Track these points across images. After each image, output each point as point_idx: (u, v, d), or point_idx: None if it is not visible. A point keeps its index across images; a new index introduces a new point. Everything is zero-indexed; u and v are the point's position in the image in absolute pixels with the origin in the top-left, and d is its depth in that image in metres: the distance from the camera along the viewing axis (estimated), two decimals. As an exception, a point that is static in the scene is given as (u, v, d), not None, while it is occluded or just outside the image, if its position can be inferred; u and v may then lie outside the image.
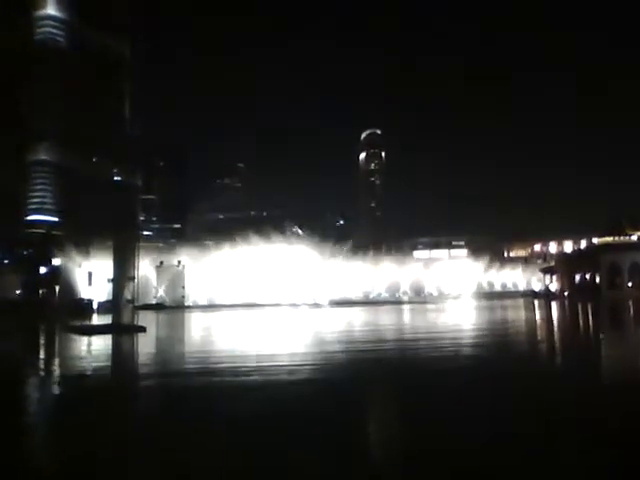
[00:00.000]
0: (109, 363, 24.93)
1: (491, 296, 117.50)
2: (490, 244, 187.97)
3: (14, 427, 12.29)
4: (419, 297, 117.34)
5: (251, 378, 18.01)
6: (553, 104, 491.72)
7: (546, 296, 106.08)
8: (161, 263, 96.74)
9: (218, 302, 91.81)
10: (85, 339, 33.52)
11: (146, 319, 44.58)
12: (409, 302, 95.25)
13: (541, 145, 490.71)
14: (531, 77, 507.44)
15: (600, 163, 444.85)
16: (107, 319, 41.90)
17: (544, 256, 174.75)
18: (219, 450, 10.12)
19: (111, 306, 43.17)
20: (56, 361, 25.95)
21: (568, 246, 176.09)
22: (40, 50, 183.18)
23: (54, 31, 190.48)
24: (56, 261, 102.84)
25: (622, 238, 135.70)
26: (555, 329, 40.55)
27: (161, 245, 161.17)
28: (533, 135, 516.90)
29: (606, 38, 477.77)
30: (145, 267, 71.97)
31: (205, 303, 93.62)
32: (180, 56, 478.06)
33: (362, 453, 10.05)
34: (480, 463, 9.11)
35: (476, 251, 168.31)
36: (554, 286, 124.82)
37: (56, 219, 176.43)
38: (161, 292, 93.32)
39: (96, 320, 53.78)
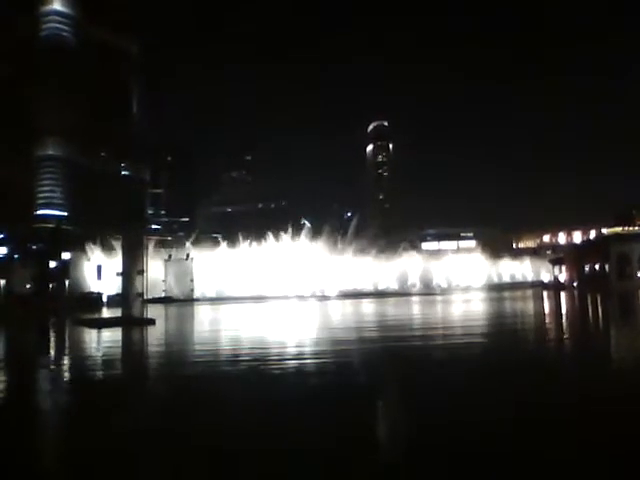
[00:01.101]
0: (126, 354, 24.94)
1: (500, 287, 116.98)
2: (499, 235, 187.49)
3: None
4: (428, 288, 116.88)
5: (281, 373, 17.43)
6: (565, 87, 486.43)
7: (555, 287, 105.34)
8: (169, 256, 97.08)
9: (226, 295, 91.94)
10: (96, 332, 33.60)
11: (155, 312, 44.73)
12: (418, 294, 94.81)
13: (553, 133, 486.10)
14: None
15: (610, 154, 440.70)
16: (117, 312, 42.12)
17: (553, 247, 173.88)
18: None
19: (120, 299, 43.39)
20: (72, 353, 25.93)
21: (577, 237, 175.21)
22: (47, 45, 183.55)
23: (61, 26, 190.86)
24: (65, 255, 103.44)
25: (632, 228, 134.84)
26: (573, 319, 40.15)
27: (169, 238, 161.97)
28: (540, 126, 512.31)
29: (605, 38, 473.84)
30: (154, 260, 72.20)
31: (213, 296, 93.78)
32: (184, 52, 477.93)
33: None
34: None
35: (485, 242, 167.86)
36: (563, 277, 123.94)
37: (65, 213, 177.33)
38: (169, 285, 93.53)
39: (106, 313, 54.13)
